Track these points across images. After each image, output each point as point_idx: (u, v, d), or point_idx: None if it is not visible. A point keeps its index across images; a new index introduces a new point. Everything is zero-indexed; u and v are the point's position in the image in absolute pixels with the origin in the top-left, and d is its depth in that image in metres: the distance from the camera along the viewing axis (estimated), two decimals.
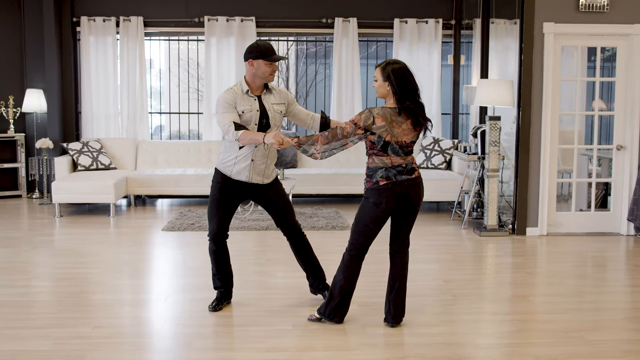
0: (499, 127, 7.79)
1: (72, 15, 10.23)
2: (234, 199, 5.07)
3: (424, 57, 10.50)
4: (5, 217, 8.93)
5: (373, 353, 4.32)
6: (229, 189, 5.02)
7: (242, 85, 4.93)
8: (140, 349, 4.43)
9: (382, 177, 4.52)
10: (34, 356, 4.23)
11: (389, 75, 4.44)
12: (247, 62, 4.88)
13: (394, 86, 4.42)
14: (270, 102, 4.98)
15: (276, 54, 4.90)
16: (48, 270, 6.45)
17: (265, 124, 4.94)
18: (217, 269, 5.18)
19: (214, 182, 5.06)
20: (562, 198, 8.49)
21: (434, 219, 8.96)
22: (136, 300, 5.51)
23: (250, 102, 4.88)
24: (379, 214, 4.59)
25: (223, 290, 5.21)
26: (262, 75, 4.88)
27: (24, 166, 10.46)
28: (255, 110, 4.87)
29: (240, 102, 4.85)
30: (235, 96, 4.86)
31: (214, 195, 5.05)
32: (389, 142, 4.46)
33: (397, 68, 4.46)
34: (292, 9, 10.38)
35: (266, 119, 4.93)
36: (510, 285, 5.98)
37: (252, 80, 4.92)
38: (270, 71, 4.88)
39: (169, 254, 7.11)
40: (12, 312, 5.12)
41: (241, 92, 4.89)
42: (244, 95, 4.89)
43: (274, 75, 4.95)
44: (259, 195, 5.14)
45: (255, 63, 4.84)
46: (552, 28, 7.52)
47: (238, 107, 4.84)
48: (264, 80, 4.93)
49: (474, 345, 4.53)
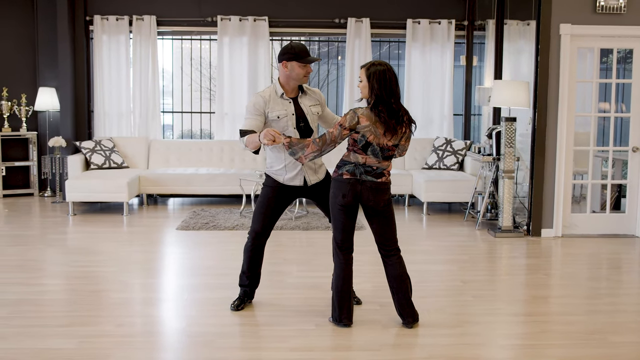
0: (514, 128, 7.77)
1: (85, 14, 10.25)
2: (286, 201, 5.05)
3: (436, 58, 10.49)
4: (18, 215, 8.94)
5: (396, 353, 4.31)
6: (283, 192, 5.00)
7: (275, 89, 4.86)
8: (159, 347, 4.43)
9: (347, 171, 4.56)
10: (59, 354, 4.23)
11: (371, 77, 4.45)
12: (280, 63, 4.81)
13: (374, 88, 4.43)
14: (307, 105, 4.93)
15: (310, 56, 4.85)
16: (64, 269, 6.45)
17: (305, 127, 4.89)
18: (248, 268, 5.15)
19: (266, 186, 5.02)
20: (575, 200, 8.47)
21: (446, 220, 8.95)
22: (155, 299, 5.52)
23: (285, 106, 4.83)
24: (339, 207, 4.62)
25: (248, 290, 5.19)
26: (296, 77, 4.82)
27: (36, 164, 10.48)
28: (290, 113, 4.83)
29: (273, 106, 4.80)
30: (266, 101, 4.79)
31: (265, 196, 5.00)
32: (371, 143, 4.47)
33: (380, 70, 4.46)
34: (305, 8, 10.38)
35: (304, 122, 4.89)
36: (527, 287, 5.97)
37: (286, 82, 4.86)
38: (304, 73, 4.83)
39: (184, 253, 7.11)
40: (31, 310, 5.13)
41: (275, 95, 4.84)
42: (278, 98, 4.83)
43: (307, 77, 4.89)
44: (315, 193, 5.09)
45: (289, 65, 4.78)
46: (568, 29, 7.51)
47: (272, 112, 4.78)
48: (298, 82, 4.86)
49: (497, 346, 4.52)
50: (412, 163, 10.25)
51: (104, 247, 7.29)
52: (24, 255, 6.85)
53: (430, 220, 8.92)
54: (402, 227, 8.46)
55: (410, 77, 10.51)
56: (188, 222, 8.35)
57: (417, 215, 9.19)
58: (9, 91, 10.38)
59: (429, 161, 10.02)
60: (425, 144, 10.29)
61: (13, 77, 10.48)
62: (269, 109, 4.79)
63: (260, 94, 4.83)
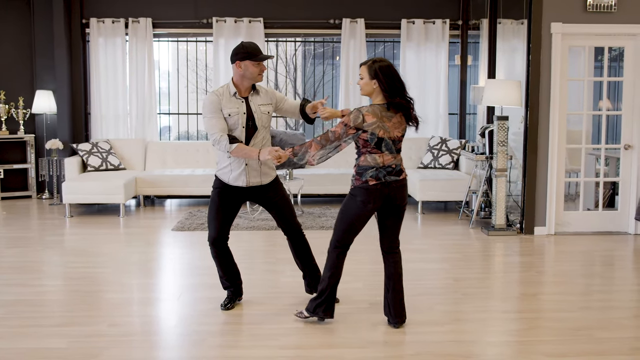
0: (506, 127, 7.83)
1: (82, 17, 10.30)
2: (234, 203, 5.07)
3: (431, 58, 10.54)
4: (16, 218, 9.00)
5: (384, 350, 4.37)
6: (228, 194, 5.03)
7: (229, 88, 4.90)
8: (154, 346, 4.49)
9: (372, 176, 4.55)
10: (51, 354, 4.29)
11: (377, 73, 4.48)
12: (234, 64, 4.83)
13: (383, 84, 4.47)
14: (256, 104, 4.95)
15: (262, 54, 4.85)
16: (60, 270, 6.51)
17: (252, 126, 4.91)
18: (222, 272, 5.21)
19: (214, 188, 5.08)
20: (569, 197, 8.52)
21: (441, 218, 9.00)
22: (149, 298, 5.57)
23: (237, 105, 4.86)
24: (366, 213, 4.63)
25: (233, 290, 5.25)
26: (251, 76, 4.84)
27: (33, 167, 10.54)
28: (242, 112, 4.86)
29: (226, 104, 4.83)
30: (220, 99, 4.84)
31: (213, 201, 5.05)
32: (383, 138, 4.50)
33: (385, 66, 4.51)
34: (300, 10, 10.43)
35: (252, 120, 4.91)
36: (519, 284, 6.02)
37: (240, 82, 4.87)
38: (258, 71, 4.85)
39: (180, 253, 7.16)
40: (26, 310, 5.19)
41: (228, 94, 4.87)
42: (231, 97, 4.86)
43: (262, 76, 4.90)
44: (259, 196, 5.14)
45: (243, 64, 4.79)
46: (559, 28, 7.56)
47: (224, 109, 4.82)
48: (253, 81, 4.89)
49: (485, 343, 4.58)
50: (408, 162, 10.28)
51: (101, 249, 7.34)
52: (22, 257, 6.91)
53: (425, 219, 8.97)
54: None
55: (405, 77, 10.46)
56: (184, 222, 8.41)
57: (412, 214, 9.24)
58: (7, 94, 10.45)
59: (424, 160, 10.07)
60: (421, 143, 10.34)
61: (10, 80, 10.54)
62: (222, 106, 4.82)
63: (214, 92, 4.89)
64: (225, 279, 5.22)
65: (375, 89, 4.52)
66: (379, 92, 4.51)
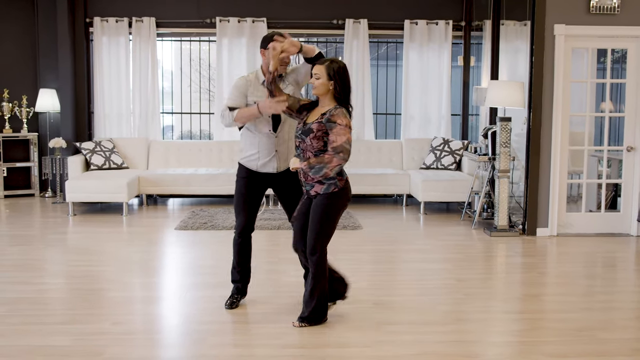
0: (509, 128, 7.83)
1: (85, 16, 10.32)
2: (260, 192, 5.10)
3: (433, 58, 10.55)
4: (19, 216, 9.02)
5: (388, 350, 4.37)
6: (254, 183, 5.04)
7: (257, 75, 4.96)
8: (157, 344, 4.50)
9: (343, 175, 4.63)
10: (55, 351, 4.30)
11: (335, 75, 4.45)
12: (260, 51, 4.91)
13: (339, 86, 4.45)
14: (287, 90, 4.94)
15: None
16: (63, 268, 6.53)
17: (278, 117, 4.94)
18: (238, 262, 5.21)
19: (240, 178, 5.08)
20: (571, 199, 8.52)
21: (444, 219, 9.01)
22: (152, 297, 5.59)
23: (263, 93, 4.87)
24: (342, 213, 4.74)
25: (240, 286, 5.25)
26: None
27: (36, 165, 10.56)
28: None
29: (253, 91, 4.89)
30: (248, 85, 4.90)
31: (240, 191, 5.07)
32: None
33: (342, 67, 4.50)
34: (303, 9, 10.44)
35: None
36: (521, 285, 6.04)
37: (266, 69, 4.87)
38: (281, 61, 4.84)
39: (183, 252, 7.18)
40: (29, 308, 5.20)
41: (256, 81, 4.93)
42: (259, 84, 4.92)
43: (285, 67, 4.88)
44: (282, 183, 5.11)
45: (267, 53, 4.82)
46: (563, 30, 7.57)
47: (250, 96, 4.88)
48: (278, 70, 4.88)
49: (487, 343, 4.59)
50: (410, 163, 10.31)
51: (104, 247, 7.36)
52: (24, 255, 6.92)
53: (427, 219, 8.98)
54: (400, 227, 8.55)
55: (408, 78, 10.57)
56: (187, 222, 8.42)
57: (414, 215, 9.25)
58: (10, 92, 10.46)
59: (427, 161, 10.08)
60: (423, 144, 10.35)
61: (14, 79, 10.56)
62: (249, 92, 4.87)
63: (244, 77, 4.97)
64: (238, 271, 5.22)
65: (330, 90, 4.48)
66: (332, 94, 4.48)
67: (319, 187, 4.58)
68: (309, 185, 4.65)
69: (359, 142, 10.40)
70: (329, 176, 4.50)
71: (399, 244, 7.64)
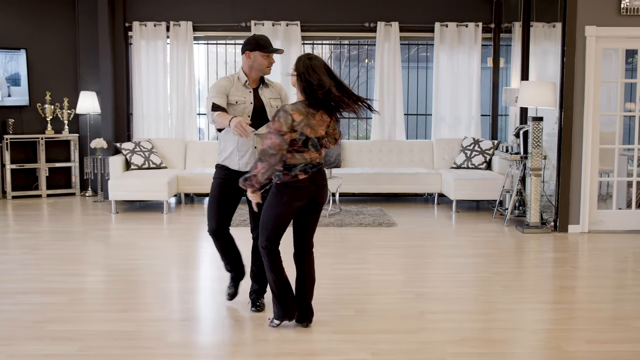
0: (541, 128, 8.03)
1: (125, 21, 10.63)
2: (236, 194, 5.02)
3: (463, 60, 10.76)
4: (64, 214, 9.34)
5: (432, 336, 4.61)
6: (231, 184, 4.93)
7: (240, 76, 4.93)
8: (213, 330, 4.78)
9: (301, 171, 4.51)
10: (120, 335, 4.61)
11: (300, 68, 4.44)
12: (244, 54, 4.88)
13: (302, 80, 4.43)
14: (267, 97, 4.96)
15: (272, 47, 4.89)
16: (113, 261, 6.80)
17: (259, 117, 4.90)
18: (224, 257, 5.26)
19: (216, 179, 5.05)
20: (600, 198, 8.69)
21: (474, 217, 9.22)
22: (201, 288, 5.89)
23: (244, 94, 4.87)
24: (292, 210, 4.61)
25: (234, 273, 5.34)
26: (259, 68, 4.87)
27: (77, 165, 10.89)
28: (249, 102, 4.87)
29: (235, 92, 4.85)
30: (231, 84, 4.87)
31: (214, 194, 5.05)
32: (310, 137, 4.48)
33: (309, 60, 4.47)
34: (335, 13, 10.69)
35: (263, 113, 4.91)
36: (555, 278, 6.25)
37: (248, 72, 4.90)
38: (267, 63, 4.88)
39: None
40: (89, 297, 5.53)
41: (238, 82, 4.90)
42: (241, 85, 4.89)
43: (270, 68, 4.92)
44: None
45: (252, 55, 4.84)
46: (594, 31, 7.75)
47: (231, 96, 4.84)
48: (261, 73, 4.92)
49: (527, 330, 4.82)
50: (441, 162, 10.52)
51: (149, 243, 7.66)
52: (75, 250, 7.23)
53: (459, 217, 9.19)
54: (433, 224, 8.78)
55: (439, 79, 10.79)
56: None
57: (446, 213, 9.47)
58: (52, 95, 10.79)
59: (457, 160, 10.29)
60: (454, 144, 10.56)
61: (56, 82, 10.90)
62: (231, 93, 4.85)
63: (225, 78, 4.96)
64: (228, 263, 5.29)
65: (296, 83, 4.49)
66: (298, 87, 4.47)
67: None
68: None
69: (391, 142, 10.64)
70: (259, 180, 4.41)
71: (433, 240, 7.87)
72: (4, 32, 10.57)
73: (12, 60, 10.58)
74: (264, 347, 4.43)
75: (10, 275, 6.15)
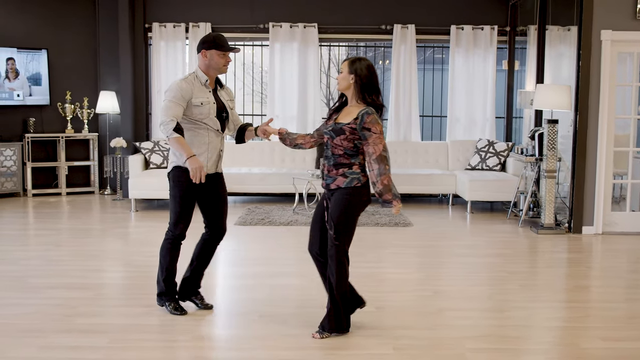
0: (556, 130, 8.13)
1: (144, 22, 10.79)
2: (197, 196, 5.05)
3: (479, 63, 10.87)
4: (84, 212, 9.52)
5: (451, 332, 4.73)
6: (195, 186, 4.91)
7: (198, 75, 4.86)
8: (240, 324, 4.90)
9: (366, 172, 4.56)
10: (149, 329, 4.78)
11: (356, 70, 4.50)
12: (200, 53, 4.83)
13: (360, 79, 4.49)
14: (225, 99, 4.99)
15: (229, 45, 4.85)
16: (137, 258, 6.94)
17: (226, 117, 4.95)
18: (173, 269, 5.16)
19: (180, 181, 4.92)
20: (614, 200, 8.78)
21: (490, 218, 9.33)
22: (228, 284, 6.02)
23: (206, 94, 4.84)
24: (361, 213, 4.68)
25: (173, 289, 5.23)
26: (216, 66, 4.84)
27: (96, 164, 11.06)
28: (212, 102, 4.85)
29: (197, 93, 4.79)
30: (192, 87, 4.79)
31: (184, 196, 4.98)
32: None
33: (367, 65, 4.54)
34: (352, 15, 10.82)
35: (225, 113, 4.94)
36: (570, 278, 6.37)
37: (206, 71, 4.86)
38: (223, 62, 4.85)
39: (248, 244, 7.62)
40: (114, 292, 5.71)
41: (199, 82, 4.84)
42: (202, 86, 4.84)
43: (227, 67, 4.90)
44: (214, 186, 5.07)
45: (209, 54, 4.80)
46: (609, 35, 7.85)
47: (195, 98, 4.76)
48: (218, 72, 4.89)
49: (543, 327, 4.93)
50: (456, 164, 10.63)
51: None
52: (97, 246, 7.41)
53: (474, 218, 9.30)
54: (448, 224, 8.91)
55: (454, 81, 10.90)
56: (245, 218, 8.84)
57: (461, 214, 9.58)
58: (72, 95, 10.96)
59: (472, 162, 10.40)
60: (468, 145, 10.67)
61: (76, 82, 11.08)
62: (194, 95, 4.78)
63: (185, 80, 4.83)
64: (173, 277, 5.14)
65: (351, 84, 4.52)
66: (354, 88, 4.52)
67: (342, 180, 4.51)
68: (330, 179, 4.58)
69: (406, 143, 10.76)
70: (390, 186, 4.45)
71: (449, 240, 7.99)
72: (26, 32, 10.76)
73: (34, 60, 10.77)
74: (288, 342, 4.56)
75: (37, 270, 6.31)
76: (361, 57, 4.64)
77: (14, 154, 10.60)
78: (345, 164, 4.52)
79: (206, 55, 4.81)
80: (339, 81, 4.62)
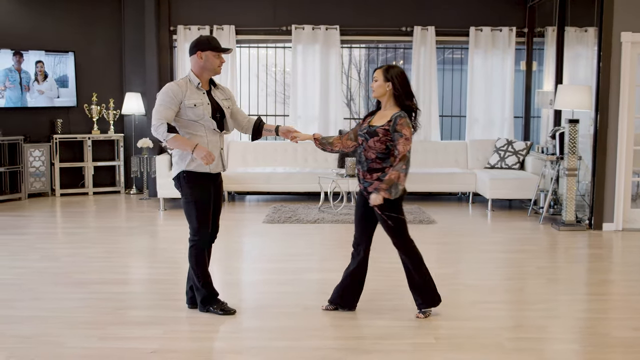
0: (577, 130, 8.34)
1: (170, 24, 11.02)
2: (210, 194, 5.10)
3: (497, 63, 11.07)
4: (113, 211, 9.77)
5: (487, 323, 4.95)
6: (208, 187, 5.03)
7: (190, 79, 4.91)
8: (287, 316, 5.12)
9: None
10: (199, 321, 5.01)
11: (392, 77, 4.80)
12: (194, 55, 4.88)
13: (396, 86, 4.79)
14: (220, 98, 5.03)
15: (222, 46, 4.93)
16: (173, 255, 7.14)
17: (220, 118, 4.98)
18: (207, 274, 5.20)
19: (193, 184, 4.96)
20: (632, 197, 8.97)
21: (510, 215, 9.53)
22: (263, 280, 6.25)
23: (200, 96, 4.88)
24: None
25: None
26: (211, 67, 4.90)
27: (122, 164, 11.30)
28: (206, 103, 4.89)
29: (190, 95, 4.83)
30: (183, 90, 4.82)
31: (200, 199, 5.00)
32: None
33: (400, 71, 4.84)
34: (373, 17, 11.03)
35: (220, 113, 4.98)
36: (594, 272, 6.59)
37: (200, 73, 4.91)
38: (218, 63, 4.91)
39: (279, 242, 7.85)
40: (159, 288, 5.93)
41: (192, 85, 4.88)
42: (194, 88, 4.88)
43: (221, 68, 4.95)
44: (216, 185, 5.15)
45: (204, 55, 4.85)
46: (629, 37, 8.05)
47: (189, 100, 4.80)
48: (212, 73, 4.94)
49: (576, 318, 5.17)
50: (475, 163, 10.84)
51: None
52: (133, 244, 7.68)
53: (495, 215, 9.51)
54: (470, 222, 9.13)
55: (473, 82, 11.11)
56: (272, 216, 9.06)
57: (481, 211, 9.79)
58: (98, 96, 11.20)
59: (491, 161, 10.61)
60: (487, 144, 10.87)
61: (102, 83, 11.33)
62: (186, 97, 4.82)
63: (176, 83, 4.88)
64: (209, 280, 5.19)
65: (388, 92, 4.82)
66: (391, 95, 4.82)
67: (378, 184, 4.80)
68: (367, 183, 4.89)
69: (426, 142, 10.98)
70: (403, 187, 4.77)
71: (474, 237, 8.21)
72: (54, 35, 11.02)
73: (61, 62, 11.02)
74: (336, 332, 4.80)
75: (80, 267, 6.56)
76: (392, 65, 4.94)
77: (43, 155, 10.85)
78: (378, 169, 4.85)
79: (201, 57, 4.86)
80: (374, 89, 4.91)
